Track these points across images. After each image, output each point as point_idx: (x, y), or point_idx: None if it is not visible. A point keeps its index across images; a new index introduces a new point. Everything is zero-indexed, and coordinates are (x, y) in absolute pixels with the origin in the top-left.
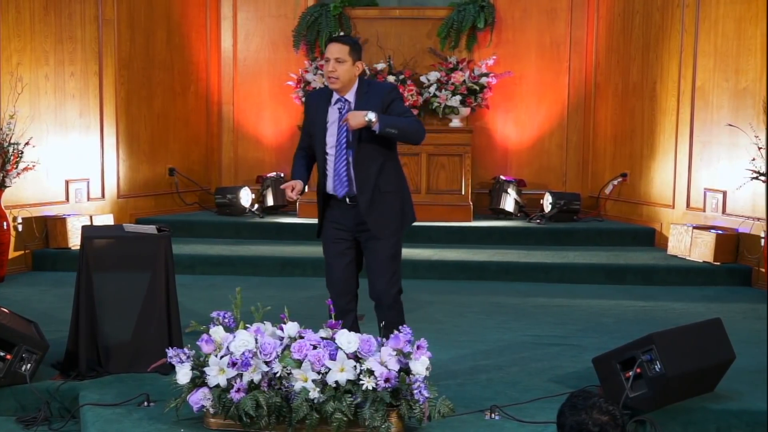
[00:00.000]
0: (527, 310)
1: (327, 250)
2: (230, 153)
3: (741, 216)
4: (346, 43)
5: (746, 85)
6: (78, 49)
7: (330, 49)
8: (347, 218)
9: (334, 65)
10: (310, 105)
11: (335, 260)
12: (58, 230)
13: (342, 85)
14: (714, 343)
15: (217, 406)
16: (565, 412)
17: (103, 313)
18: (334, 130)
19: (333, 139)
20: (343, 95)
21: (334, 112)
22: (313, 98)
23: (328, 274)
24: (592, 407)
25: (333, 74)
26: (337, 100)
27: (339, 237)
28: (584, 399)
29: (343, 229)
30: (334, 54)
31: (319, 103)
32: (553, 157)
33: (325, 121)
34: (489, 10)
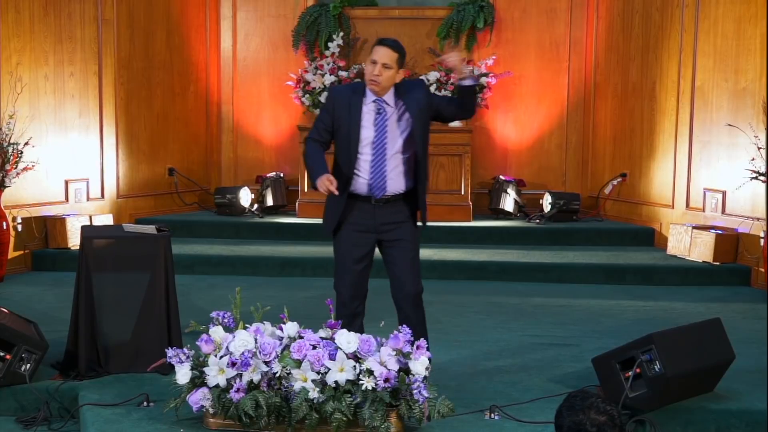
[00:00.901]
0: (527, 310)
1: (345, 254)
2: (230, 153)
3: (740, 216)
4: (397, 50)
5: (746, 85)
6: (77, 49)
7: (379, 51)
8: (370, 218)
9: (380, 69)
10: (339, 100)
11: (354, 266)
12: (58, 230)
13: (381, 89)
14: (713, 343)
15: (216, 406)
16: (563, 412)
17: (102, 313)
18: (370, 130)
19: (368, 140)
20: (380, 96)
21: (370, 110)
22: (343, 94)
23: (343, 277)
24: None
25: (377, 78)
26: (374, 100)
27: (360, 242)
28: (582, 399)
29: (364, 231)
30: (383, 59)
31: (352, 100)
32: (552, 157)
33: (359, 120)
34: (488, 10)
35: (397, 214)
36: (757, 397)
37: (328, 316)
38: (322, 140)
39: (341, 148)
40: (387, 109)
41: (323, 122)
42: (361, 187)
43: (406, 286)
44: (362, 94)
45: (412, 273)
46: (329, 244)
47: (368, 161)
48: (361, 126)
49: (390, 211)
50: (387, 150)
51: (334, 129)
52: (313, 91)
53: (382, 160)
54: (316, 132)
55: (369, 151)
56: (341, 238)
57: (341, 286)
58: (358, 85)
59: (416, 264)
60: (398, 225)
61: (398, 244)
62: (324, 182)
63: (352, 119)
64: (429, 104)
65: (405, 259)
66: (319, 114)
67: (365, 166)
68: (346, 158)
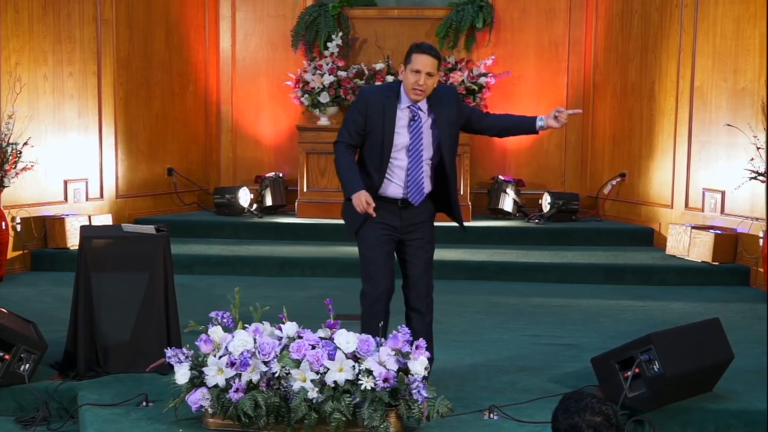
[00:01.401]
0: (526, 310)
1: (375, 251)
2: (229, 153)
3: (739, 216)
4: (437, 57)
5: (745, 85)
6: (77, 49)
7: (422, 60)
8: (397, 220)
9: (425, 79)
10: (373, 102)
11: (387, 262)
12: (57, 230)
13: (424, 98)
14: (712, 343)
15: (215, 406)
16: (559, 416)
17: (101, 313)
18: (404, 136)
19: (404, 144)
20: (415, 102)
21: (404, 116)
22: (377, 96)
23: (377, 274)
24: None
25: (421, 88)
26: (408, 106)
27: (389, 238)
28: (576, 401)
29: (391, 230)
30: (427, 68)
31: (386, 103)
32: (551, 157)
33: (394, 124)
34: (488, 10)
35: (420, 215)
36: (756, 397)
37: (327, 316)
38: (353, 143)
39: (372, 152)
40: (421, 116)
41: (355, 124)
42: (393, 191)
43: (420, 285)
44: (396, 98)
45: (428, 273)
46: (329, 244)
47: (402, 167)
48: (396, 131)
49: (415, 212)
50: (423, 156)
51: (366, 131)
52: (312, 91)
53: (419, 166)
54: (347, 134)
55: (403, 157)
56: (368, 236)
57: (373, 283)
58: (392, 87)
59: (432, 264)
60: (420, 225)
61: (418, 243)
62: (362, 203)
63: (386, 123)
64: (459, 115)
65: (423, 259)
66: (350, 115)
67: (398, 171)
68: (378, 162)
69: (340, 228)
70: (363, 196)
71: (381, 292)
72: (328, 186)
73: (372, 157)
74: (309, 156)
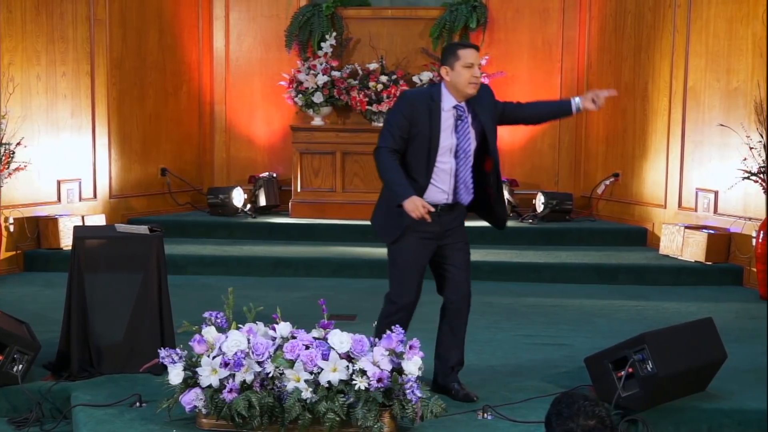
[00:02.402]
0: (519, 310)
1: (413, 260)
2: (222, 153)
3: (733, 216)
4: (478, 49)
5: (737, 85)
6: (70, 49)
7: (472, 54)
8: (437, 225)
9: (477, 71)
10: (418, 106)
11: (422, 272)
12: (50, 230)
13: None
14: (706, 342)
15: (209, 407)
16: (552, 421)
17: (95, 313)
18: (449, 137)
19: (449, 147)
20: (459, 102)
21: (449, 117)
22: (422, 99)
23: (408, 287)
24: (578, 413)
25: (478, 80)
26: (454, 106)
27: (425, 251)
28: (568, 406)
29: (430, 239)
30: (478, 60)
31: (432, 106)
32: (545, 157)
33: (439, 127)
34: (481, 10)
35: (456, 219)
36: (749, 397)
37: (321, 316)
38: (397, 148)
39: (418, 156)
40: (467, 116)
41: (400, 129)
42: (436, 196)
43: (463, 287)
44: (439, 100)
45: (468, 274)
46: (322, 244)
47: (447, 170)
48: (442, 133)
49: (453, 216)
50: (470, 156)
51: (411, 135)
52: (306, 91)
53: (467, 166)
54: (391, 140)
55: (447, 159)
56: (407, 247)
57: (403, 295)
58: (432, 90)
59: (470, 266)
60: (457, 228)
61: (458, 245)
62: (418, 208)
63: (433, 125)
64: (496, 109)
65: (463, 260)
66: (393, 119)
67: (443, 175)
68: (425, 167)
69: (334, 228)
70: (417, 200)
71: (412, 302)
72: (322, 186)
73: (417, 161)
74: (303, 156)
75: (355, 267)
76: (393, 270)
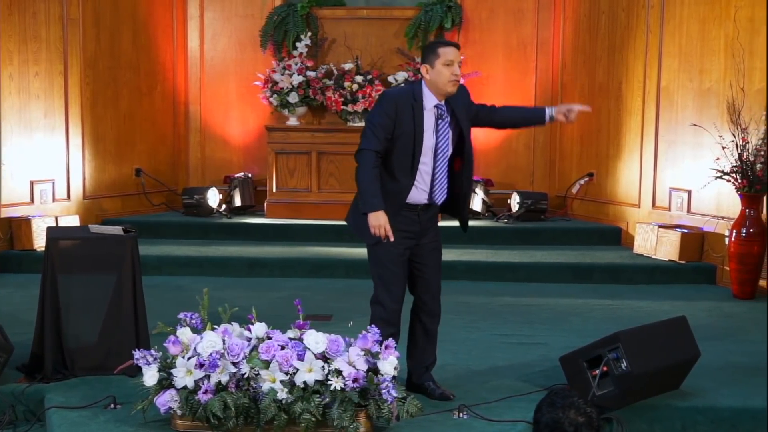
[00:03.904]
0: (495, 310)
1: (394, 261)
2: (197, 153)
3: (706, 215)
4: (459, 48)
5: (710, 86)
6: (42, 48)
7: (453, 52)
8: (417, 225)
9: (457, 69)
10: (402, 105)
11: (401, 271)
12: (23, 231)
13: None
14: (679, 340)
15: (184, 408)
16: (543, 408)
17: (68, 314)
18: (432, 137)
19: (430, 146)
20: (440, 101)
21: (431, 116)
22: (405, 98)
23: (394, 286)
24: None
25: (458, 78)
26: (435, 105)
27: (407, 246)
28: (563, 398)
29: (411, 238)
30: (458, 57)
31: (414, 106)
32: (520, 157)
33: (423, 127)
34: (456, 10)
35: (433, 218)
36: (722, 394)
37: (296, 316)
38: (381, 151)
39: (402, 157)
40: (447, 115)
41: (384, 129)
42: (417, 196)
43: (434, 287)
44: (421, 99)
45: (439, 274)
46: (298, 245)
47: (428, 171)
48: (425, 132)
49: (430, 215)
50: (447, 155)
51: (394, 136)
52: (281, 91)
53: (443, 166)
54: (375, 141)
55: (428, 160)
56: (390, 248)
57: (390, 295)
58: (414, 89)
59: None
60: (432, 227)
61: (431, 246)
62: (381, 227)
63: (416, 125)
64: (471, 110)
65: (435, 261)
66: (377, 120)
67: (425, 176)
68: (409, 166)
69: (310, 228)
70: (383, 218)
71: (398, 301)
72: (298, 186)
73: (402, 161)
74: (278, 156)
75: (330, 267)
76: (377, 270)
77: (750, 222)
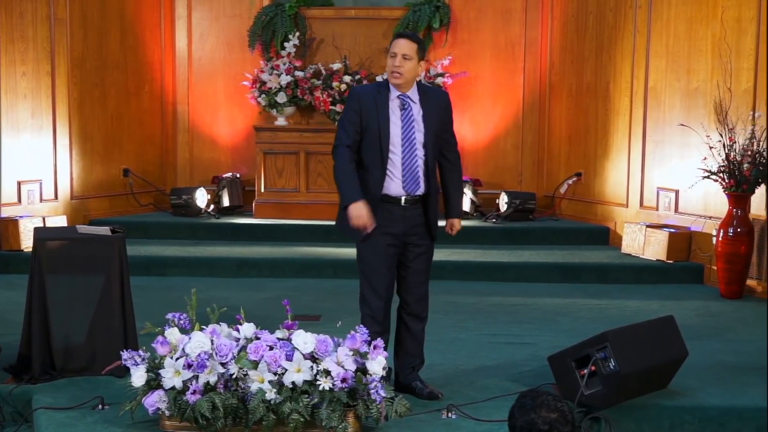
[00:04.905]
0: (483, 309)
1: (378, 260)
2: (185, 153)
3: (693, 215)
4: (415, 41)
5: (697, 86)
6: (29, 48)
7: (397, 44)
8: (400, 223)
9: (401, 61)
10: (365, 98)
11: (386, 269)
12: (10, 232)
13: (404, 81)
14: (667, 340)
15: (172, 409)
16: (515, 413)
17: (56, 315)
18: (398, 126)
19: (399, 135)
20: (404, 92)
21: (396, 107)
22: (367, 93)
23: (378, 285)
24: (540, 406)
25: (399, 69)
26: (398, 96)
27: (390, 243)
28: (533, 399)
29: (394, 235)
30: (403, 50)
31: (377, 99)
32: (508, 157)
33: (388, 117)
34: (444, 10)
35: (420, 217)
36: (709, 393)
37: (285, 316)
38: (353, 144)
39: (371, 147)
40: (411, 105)
41: (352, 123)
42: (394, 188)
43: (419, 290)
44: (387, 90)
45: (427, 278)
46: (286, 245)
47: (399, 159)
48: (390, 122)
49: (416, 213)
50: (416, 145)
51: (363, 129)
52: (269, 91)
53: (413, 155)
54: (345, 136)
55: (399, 150)
56: (373, 246)
57: (374, 295)
58: (381, 83)
59: (430, 269)
60: (420, 228)
61: (420, 248)
62: (362, 217)
63: (380, 116)
64: (446, 117)
65: (422, 265)
66: (345, 116)
67: (397, 164)
68: (379, 158)
69: (298, 228)
70: (364, 209)
71: (384, 301)
72: (286, 186)
73: (371, 152)
74: (266, 156)
75: (319, 267)
76: (362, 267)
77: (737, 222)
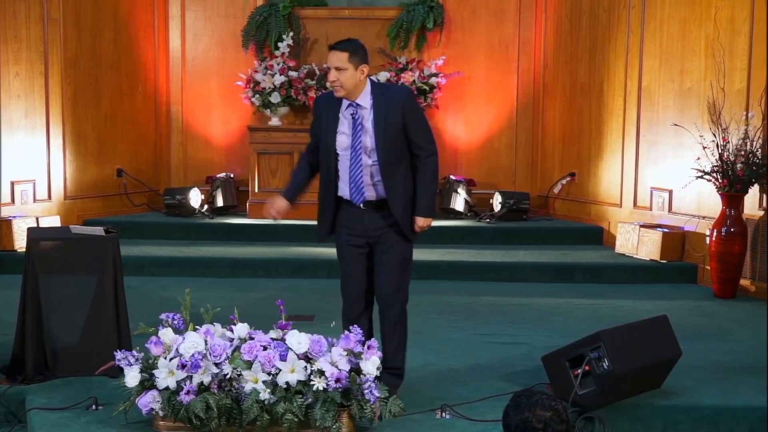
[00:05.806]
0: (477, 309)
1: (342, 258)
2: (179, 154)
3: (687, 214)
4: (344, 49)
5: (691, 86)
6: (23, 48)
7: (329, 58)
8: (359, 223)
9: (335, 74)
10: (319, 110)
11: (350, 268)
12: (4, 232)
13: (347, 92)
14: (661, 340)
15: (166, 409)
16: (510, 412)
17: (50, 315)
18: (346, 136)
19: (345, 146)
20: (353, 100)
21: (347, 115)
22: (322, 103)
23: (345, 282)
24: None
25: (335, 83)
26: (348, 105)
27: (353, 243)
28: (527, 398)
29: (356, 235)
30: (334, 63)
31: (329, 110)
32: (502, 157)
33: (335, 129)
34: (438, 10)
35: (385, 218)
36: (703, 393)
37: (278, 316)
38: (314, 149)
39: (322, 154)
40: (361, 113)
41: (313, 132)
42: (345, 192)
43: (383, 290)
44: (340, 100)
45: (390, 275)
46: (280, 245)
47: (346, 167)
48: (338, 131)
49: (379, 215)
50: (362, 155)
51: (319, 135)
52: (263, 91)
53: (359, 165)
54: (310, 143)
55: (346, 158)
56: (339, 244)
57: (342, 292)
58: None
59: (398, 269)
60: (387, 229)
61: (388, 251)
62: (272, 206)
63: (329, 126)
64: (401, 116)
65: (388, 265)
66: (312, 123)
67: (344, 171)
68: (325, 165)
69: (292, 229)
70: (277, 200)
71: (348, 302)
72: (280, 186)
73: (323, 159)
74: (260, 156)
75: (313, 267)
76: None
77: (731, 221)
